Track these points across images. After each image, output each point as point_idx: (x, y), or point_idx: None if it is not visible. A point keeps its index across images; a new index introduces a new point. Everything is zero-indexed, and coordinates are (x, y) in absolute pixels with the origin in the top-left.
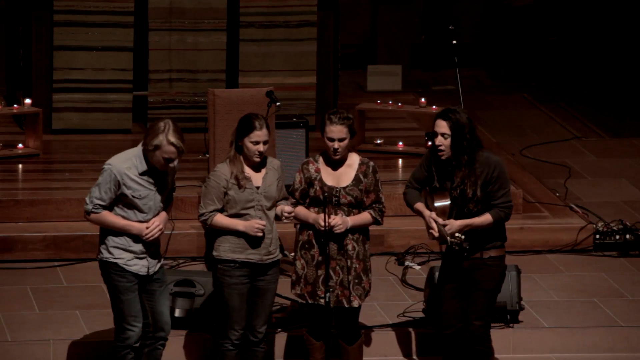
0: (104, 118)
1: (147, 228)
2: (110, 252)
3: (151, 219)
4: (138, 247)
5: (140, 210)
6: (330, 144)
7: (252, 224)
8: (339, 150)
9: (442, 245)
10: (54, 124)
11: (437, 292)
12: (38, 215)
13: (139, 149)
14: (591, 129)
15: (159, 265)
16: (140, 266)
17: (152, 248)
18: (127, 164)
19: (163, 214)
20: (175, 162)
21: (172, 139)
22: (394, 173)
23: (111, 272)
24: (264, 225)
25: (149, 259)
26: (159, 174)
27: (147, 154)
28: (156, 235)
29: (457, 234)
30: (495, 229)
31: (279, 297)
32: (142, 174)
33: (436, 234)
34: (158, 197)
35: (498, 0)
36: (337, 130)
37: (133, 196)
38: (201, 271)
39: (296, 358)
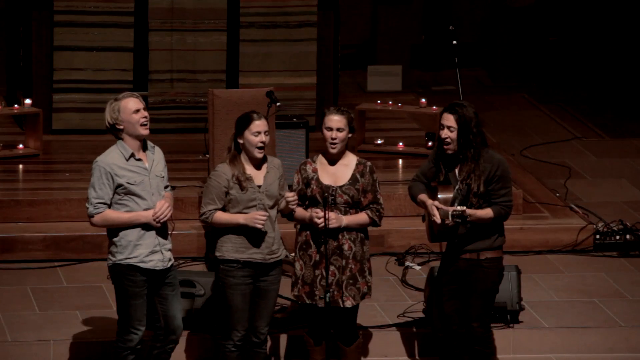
0: (104, 118)
1: (155, 212)
2: (122, 253)
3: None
4: (151, 239)
5: (141, 197)
6: (328, 133)
7: (252, 216)
8: (336, 141)
9: (441, 243)
10: (54, 124)
11: (435, 293)
12: (38, 215)
13: (117, 142)
14: (591, 129)
15: (171, 262)
16: (156, 261)
17: (165, 238)
18: (112, 154)
19: (167, 194)
20: (146, 113)
21: (121, 95)
22: (394, 173)
23: (123, 276)
24: (265, 217)
25: (162, 252)
26: (146, 153)
27: (120, 131)
28: (167, 214)
29: (458, 207)
30: (492, 228)
31: (280, 297)
32: (128, 159)
33: (438, 220)
34: (155, 182)
35: (498, 1)
36: (335, 120)
37: (128, 183)
38: (201, 271)
39: (296, 358)
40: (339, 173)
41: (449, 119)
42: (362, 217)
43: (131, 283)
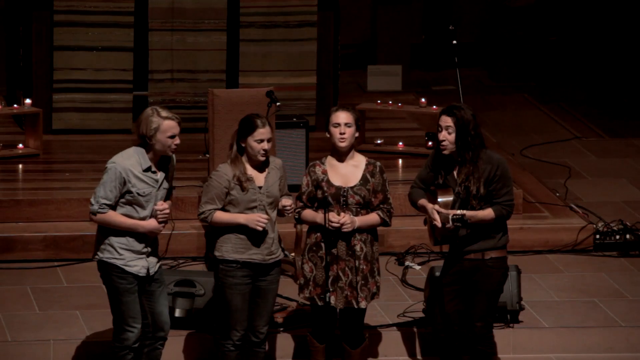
0: (104, 118)
1: (156, 208)
2: (110, 252)
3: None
4: (140, 245)
5: (143, 207)
6: (335, 129)
7: (254, 218)
8: (345, 135)
9: (443, 245)
10: (54, 124)
11: (436, 293)
12: (38, 215)
13: (138, 147)
14: (591, 129)
15: (157, 265)
16: (140, 267)
17: (152, 247)
18: (131, 160)
19: (169, 202)
20: (179, 140)
21: (165, 114)
22: (394, 173)
23: (112, 273)
24: (267, 220)
25: (147, 259)
26: (161, 168)
27: (149, 144)
28: (164, 217)
29: (458, 211)
30: (496, 228)
31: (280, 297)
32: (145, 170)
33: (439, 224)
34: (161, 193)
35: (498, 1)
36: (343, 116)
37: (138, 193)
38: (201, 271)
39: (298, 358)
40: (349, 174)
41: (447, 121)
42: (373, 218)
43: (121, 280)
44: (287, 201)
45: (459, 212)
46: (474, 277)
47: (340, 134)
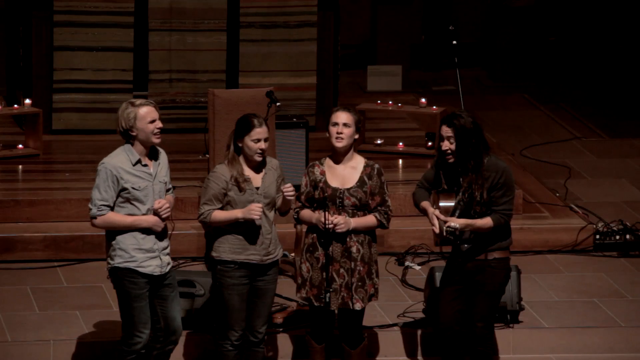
0: (104, 118)
1: (155, 207)
2: (121, 257)
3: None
4: (149, 244)
5: (142, 202)
6: (333, 129)
7: (249, 208)
8: (342, 135)
9: (444, 247)
10: (54, 124)
11: (437, 293)
12: (38, 215)
13: (125, 145)
14: (591, 129)
15: (169, 266)
16: (154, 266)
17: (164, 243)
18: (119, 157)
19: (169, 197)
20: (160, 123)
21: (139, 102)
22: (394, 173)
23: (124, 279)
24: (261, 207)
25: (161, 257)
26: (152, 159)
27: (132, 137)
28: (166, 211)
29: (452, 224)
30: (498, 231)
31: (279, 297)
32: (135, 164)
33: (437, 230)
34: (157, 187)
35: (498, 1)
36: (342, 116)
37: (133, 188)
38: (201, 271)
39: (297, 358)
40: (346, 175)
41: (448, 131)
42: (369, 219)
43: (133, 285)
44: (286, 186)
45: (453, 225)
46: (476, 277)
47: (338, 133)
